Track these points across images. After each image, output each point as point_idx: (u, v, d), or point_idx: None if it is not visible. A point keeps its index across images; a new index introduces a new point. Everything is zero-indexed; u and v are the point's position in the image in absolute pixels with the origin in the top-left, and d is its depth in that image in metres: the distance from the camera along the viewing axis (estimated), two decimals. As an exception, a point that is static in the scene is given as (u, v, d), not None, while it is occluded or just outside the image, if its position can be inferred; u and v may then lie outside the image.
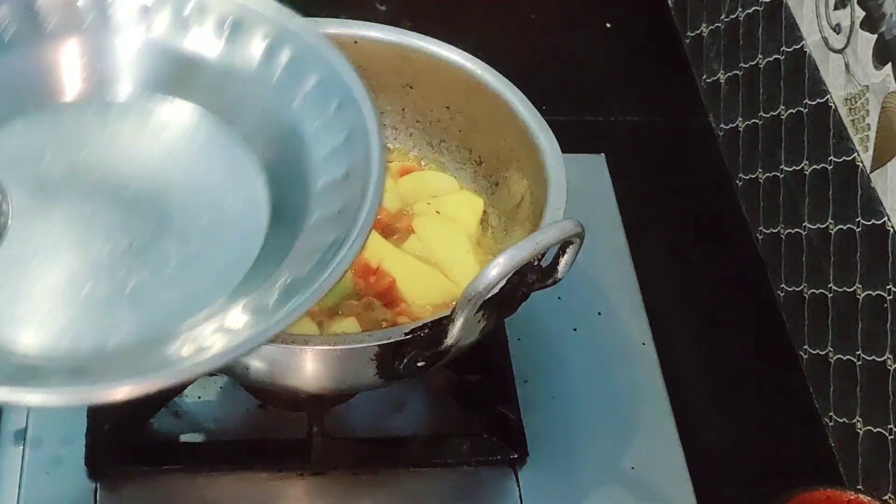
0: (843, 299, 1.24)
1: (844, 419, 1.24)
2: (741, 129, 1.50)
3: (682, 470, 1.12)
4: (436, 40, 1.15)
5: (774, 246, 1.40)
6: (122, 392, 0.72)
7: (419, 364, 0.94)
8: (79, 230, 0.84)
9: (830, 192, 1.27)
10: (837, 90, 1.26)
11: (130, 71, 0.91)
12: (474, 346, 1.03)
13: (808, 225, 1.32)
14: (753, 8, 1.46)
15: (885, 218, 1.17)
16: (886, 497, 1.15)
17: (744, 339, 1.36)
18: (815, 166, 1.31)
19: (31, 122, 0.89)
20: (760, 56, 1.44)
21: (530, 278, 0.96)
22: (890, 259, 1.16)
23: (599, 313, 1.23)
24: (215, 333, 0.76)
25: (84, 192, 0.86)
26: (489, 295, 0.88)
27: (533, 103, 1.10)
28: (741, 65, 1.50)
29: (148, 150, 0.89)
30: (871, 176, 1.19)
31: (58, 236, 0.84)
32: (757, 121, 1.45)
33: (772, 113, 1.41)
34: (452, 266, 1.08)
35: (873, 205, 1.19)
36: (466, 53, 1.14)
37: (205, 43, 0.91)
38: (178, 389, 1.09)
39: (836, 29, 1.26)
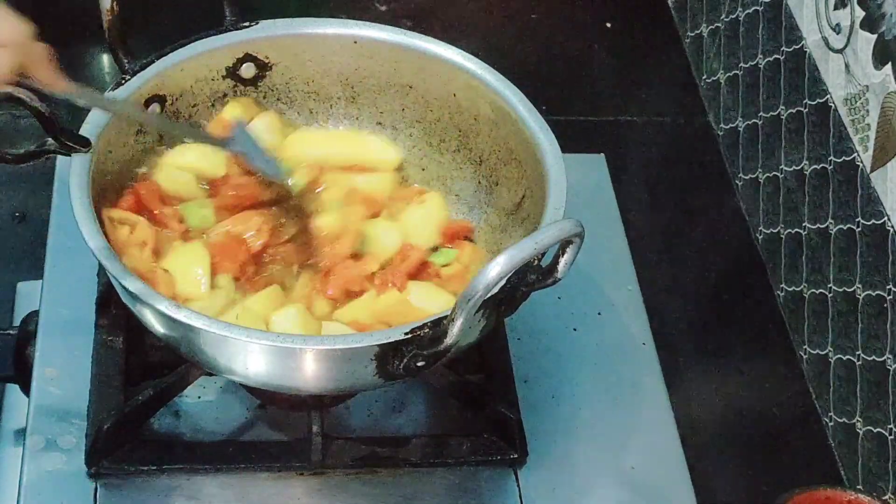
0: (843, 299, 1.24)
1: (844, 419, 1.24)
2: (741, 129, 1.50)
3: (682, 470, 1.12)
4: (436, 40, 1.15)
5: (774, 246, 1.40)
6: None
7: (419, 364, 0.94)
8: None
9: (830, 192, 1.27)
10: (837, 90, 1.26)
11: None
12: (474, 346, 1.03)
13: (808, 225, 1.32)
14: (753, 8, 1.46)
15: (885, 218, 1.17)
16: (886, 497, 1.15)
17: (744, 339, 1.36)
18: (815, 166, 1.31)
19: None
20: (760, 56, 1.44)
21: (530, 278, 0.96)
22: (890, 259, 1.16)
23: (599, 313, 1.23)
24: None
25: None
26: (489, 295, 0.88)
27: (533, 103, 1.10)
28: (741, 65, 1.50)
29: None
30: (871, 176, 1.19)
31: None
32: (757, 121, 1.45)
33: (772, 113, 1.41)
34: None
35: (873, 205, 1.19)
36: (466, 53, 1.14)
37: None
38: (178, 389, 1.09)
39: (836, 29, 1.26)
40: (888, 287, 1.16)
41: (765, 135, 1.43)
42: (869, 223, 1.19)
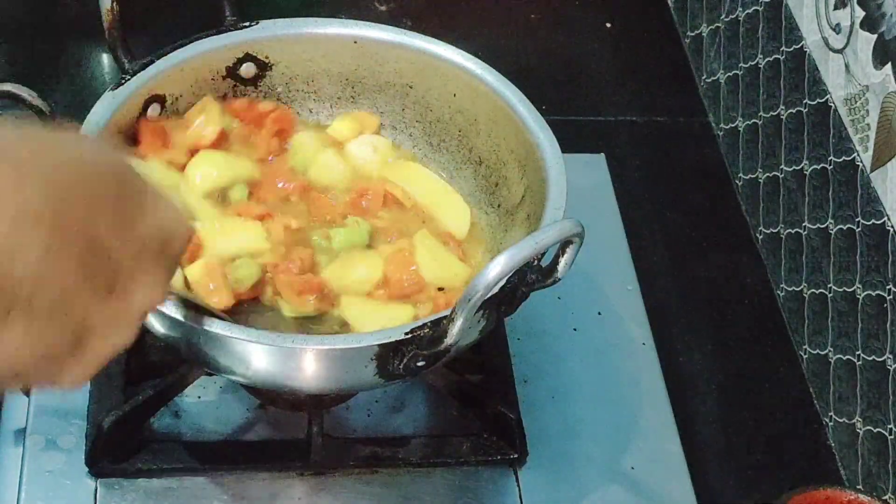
0: (843, 299, 1.24)
1: (844, 419, 1.24)
2: (741, 129, 1.50)
3: (682, 470, 1.12)
4: (436, 40, 1.15)
5: (774, 246, 1.40)
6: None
7: (419, 364, 0.94)
8: None
9: (830, 192, 1.27)
10: (837, 90, 1.26)
11: None
12: (474, 346, 1.03)
13: (808, 225, 1.32)
14: (753, 8, 1.46)
15: (885, 218, 1.17)
16: (886, 497, 1.15)
17: (744, 339, 1.36)
18: (815, 166, 1.31)
19: None
20: (760, 56, 1.44)
21: (530, 278, 0.96)
22: (890, 259, 1.16)
23: (599, 313, 1.23)
24: None
25: None
26: (489, 295, 0.88)
27: (533, 103, 1.10)
28: (741, 65, 1.50)
29: None
30: (871, 176, 1.19)
31: None
32: (757, 121, 1.45)
33: (772, 113, 1.41)
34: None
35: (873, 205, 1.19)
36: (466, 53, 1.14)
37: None
38: (178, 389, 1.09)
39: (836, 29, 1.26)
40: (888, 287, 1.16)
41: (765, 135, 1.43)
42: (869, 223, 1.19)
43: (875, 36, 1.19)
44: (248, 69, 1.15)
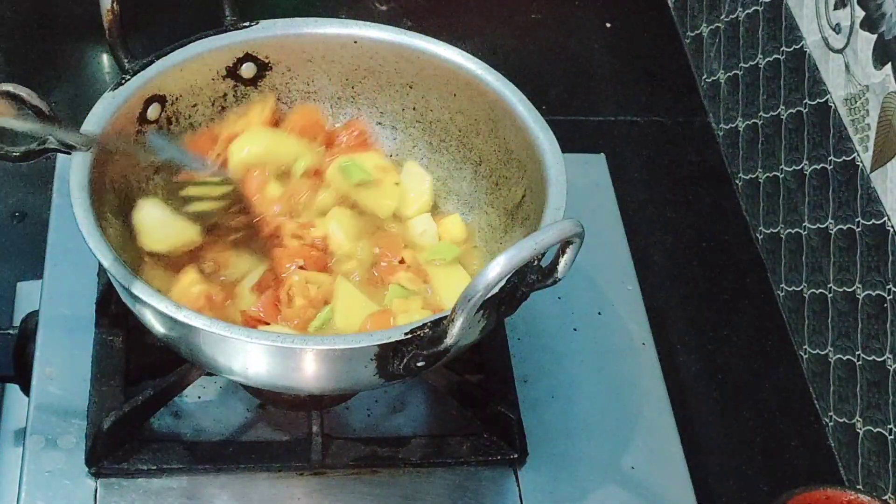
0: (843, 299, 1.24)
1: (844, 419, 1.24)
2: (741, 129, 1.50)
3: (682, 470, 1.12)
4: (436, 40, 1.15)
5: (774, 246, 1.40)
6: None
7: (419, 364, 0.94)
8: None
9: (830, 192, 1.27)
10: (837, 90, 1.26)
11: None
12: (474, 346, 1.03)
13: (808, 225, 1.32)
14: (753, 8, 1.46)
15: (885, 218, 1.17)
16: (886, 497, 1.15)
17: (744, 339, 1.36)
18: (815, 166, 1.31)
19: None
20: (760, 56, 1.44)
21: (530, 278, 0.96)
22: (890, 259, 1.16)
23: (599, 313, 1.23)
24: None
25: None
26: (489, 295, 0.88)
27: (533, 103, 1.10)
28: (741, 65, 1.50)
29: None
30: (871, 176, 1.19)
31: None
32: (757, 121, 1.45)
33: (772, 113, 1.41)
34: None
35: (873, 205, 1.19)
36: (466, 53, 1.14)
37: None
38: (178, 389, 1.09)
39: (836, 29, 1.26)
40: (888, 287, 1.16)
41: (765, 135, 1.43)
42: (869, 223, 1.19)
43: (875, 36, 1.19)
44: (248, 69, 1.15)
